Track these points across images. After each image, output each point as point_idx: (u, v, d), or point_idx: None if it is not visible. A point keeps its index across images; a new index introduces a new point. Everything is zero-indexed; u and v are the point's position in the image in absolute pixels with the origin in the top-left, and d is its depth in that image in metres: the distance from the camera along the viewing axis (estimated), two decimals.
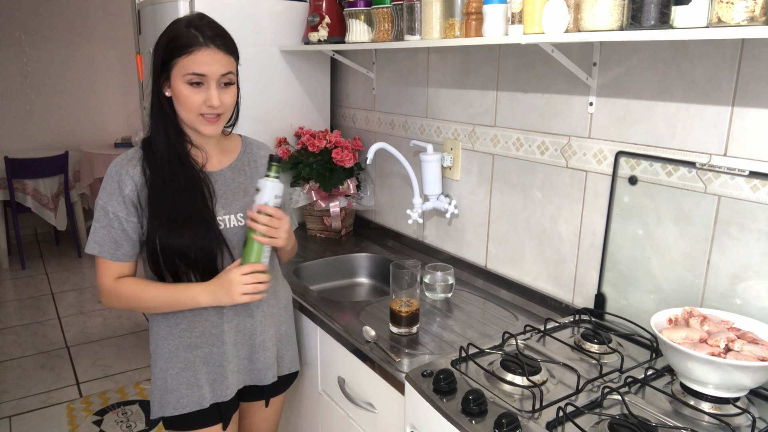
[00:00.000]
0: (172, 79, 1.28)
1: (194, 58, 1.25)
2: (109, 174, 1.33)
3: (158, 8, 2.21)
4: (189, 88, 1.27)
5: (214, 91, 1.28)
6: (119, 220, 1.31)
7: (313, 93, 2.43)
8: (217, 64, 1.27)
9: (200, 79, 1.26)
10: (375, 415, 1.43)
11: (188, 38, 1.25)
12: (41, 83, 5.14)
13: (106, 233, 1.31)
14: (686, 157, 1.29)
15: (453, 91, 1.90)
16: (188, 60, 1.25)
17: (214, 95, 1.27)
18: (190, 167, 1.35)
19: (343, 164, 2.22)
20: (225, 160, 1.43)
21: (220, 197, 1.38)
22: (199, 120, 1.30)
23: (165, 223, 1.29)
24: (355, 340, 1.45)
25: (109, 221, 1.31)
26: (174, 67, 1.26)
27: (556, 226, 1.61)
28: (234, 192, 1.41)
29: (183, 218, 1.30)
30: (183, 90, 1.27)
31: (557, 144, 1.57)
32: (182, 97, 1.27)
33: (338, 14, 2.09)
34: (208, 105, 1.28)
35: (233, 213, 1.39)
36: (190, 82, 1.26)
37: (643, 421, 1.02)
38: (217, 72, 1.27)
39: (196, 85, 1.27)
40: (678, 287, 1.33)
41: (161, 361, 1.41)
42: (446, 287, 1.71)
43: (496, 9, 1.36)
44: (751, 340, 1.09)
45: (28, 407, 2.76)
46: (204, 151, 1.39)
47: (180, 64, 1.25)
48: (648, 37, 1.07)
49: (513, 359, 1.23)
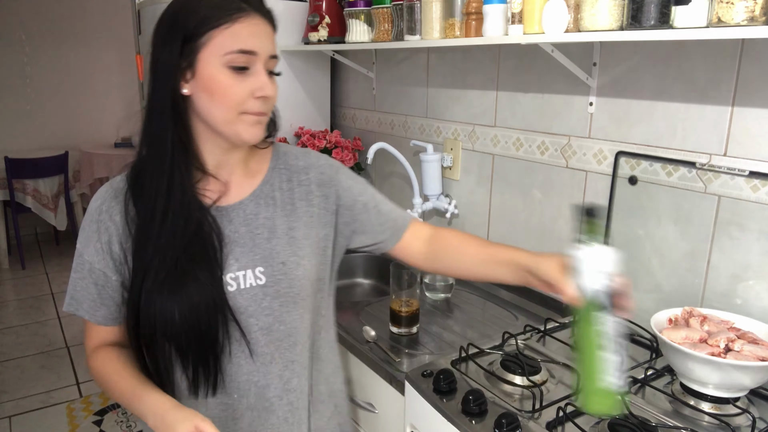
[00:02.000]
0: (200, 66, 0.87)
1: (238, 30, 0.86)
2: (90, 210, 0.96)
3: (158, 8, 2.21)
4: (232, 75, 0.87)
5: (266, 76, 0.90)
6: (97, 273, 0.95)
7: (313, 93, 2.43)
8: (267, 40, 0.90)
9: (247, 60, 0.88)
10: (375, 415, 1.43)
11: (226, 2, 0.87)
12: (41, 83, 5.14)
13: (84, 287, 0.97)
14: (686, 157, 1.29)
15: (453, 91, 1.90)
16: (229, 33, 0.86)
17: (267, 81, 0.90)
18: (198, 205, 0.93)
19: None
20: (247, 186, 1.00)
21: (235, 244, 0.96)
22: (241, 120, 0.90)
23: (148, 285, 0.90)
24: (355, 340, 1.45)
25: (88, 272, 0.96)
26: (204, 47, 0.86)
27: (556, 226, 1.61)
28: (255, 234, 0.98)
29: (173, 281, 0.90)
30: (222, 78, 0.87)
31: (557, 144, 1.57)
32: (222, 87, 0.87)
33: (338, 14, 2.09)
34: (258, 96, 0.89)
35: (251, 268, 0.96)
36: (232, 66, 0.87)
37: (643, 421, 1.02)
38: (268, 50, 0.90)
39: (240, 70, 0.88)
40: (678, 287, 1.33)
41: None
42: (446, 287, 1.71)
43: (496, 9, 1.36)
44: (751, 340, 1.09)
45: (28, 407, 2.76)
46: (221, 180, 0.98)
47: (216, 40, 0.86)
48: (648, 37, 1.07)
49: (513, 359, 1.23)
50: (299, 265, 1.00)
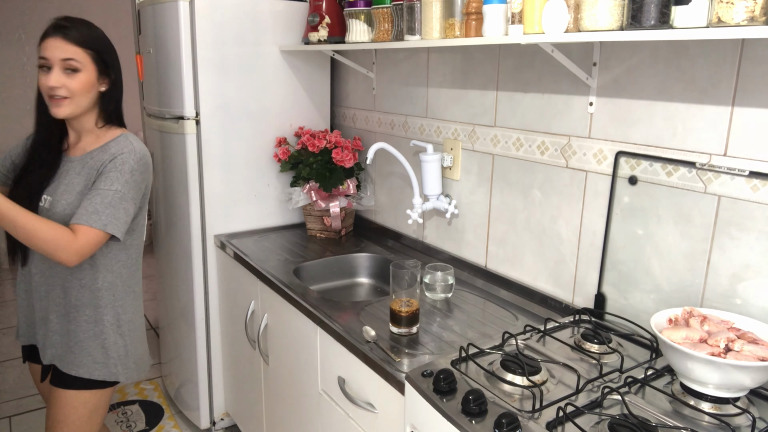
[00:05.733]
0: None
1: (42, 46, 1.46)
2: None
3: (158, 8, 2.21)
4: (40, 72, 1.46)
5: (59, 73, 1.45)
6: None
7: (313, 93, 2.43)
8: (57, 50, 1.44)
9: (44, 62, 1.45)
10: (375, 415, 1.43)
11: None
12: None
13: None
14: (686, 157, 1.29)
15: (453, 91, 1.90)
16: (40, 47, 1.46)
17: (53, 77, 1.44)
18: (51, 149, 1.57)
19: (343, 164, 2.22)
20: (86, 150, 1.55)
21: (56, 179, 1.53)
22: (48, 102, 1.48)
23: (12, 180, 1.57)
24: (355, 340, 1.45)
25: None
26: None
27: (556, 226, 1.61)
28: (63, 178, 1.53)
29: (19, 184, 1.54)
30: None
31: (557, 144, 1.57)
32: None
33: (338, 14, 2.09)
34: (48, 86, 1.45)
35: (51, 196, 1.50)
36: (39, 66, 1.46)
37: (643, 421, 1.02)
38: (57, 57, 1.44)
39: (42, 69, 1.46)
40: (678, 287, 1.33)
41: None
42: (446, 287, 1.71)
43: (496, 9, 1.36)
44: (751, 340, 1.09)
45: (28, 407, 2.76)
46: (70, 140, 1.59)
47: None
48: (648, 37, 1.07)
49: (513, 359, 1.23)
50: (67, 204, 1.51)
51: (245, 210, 2.35)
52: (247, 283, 2.08)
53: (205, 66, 2.15)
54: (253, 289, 2.04)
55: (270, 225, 2.42)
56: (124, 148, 1.50)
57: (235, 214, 2.32)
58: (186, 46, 2.12)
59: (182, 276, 2.36)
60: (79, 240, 1.39)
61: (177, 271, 2.41)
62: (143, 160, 1.52)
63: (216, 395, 2.44)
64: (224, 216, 2.30)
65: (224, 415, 2.49)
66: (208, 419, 2.46)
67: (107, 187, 1.44)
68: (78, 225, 1.40)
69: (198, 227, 2.26)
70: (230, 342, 2.31)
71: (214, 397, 2.44)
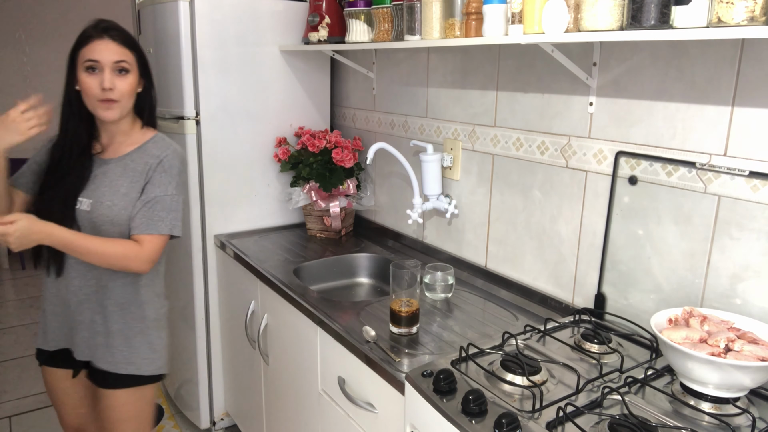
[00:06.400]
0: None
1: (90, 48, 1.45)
2: None
3: (158, 8, 2.21)
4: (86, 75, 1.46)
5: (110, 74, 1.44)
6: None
7: (313, 93, 2.43)
8: (109, 52, 1.44)
9: (92, 65, 1.44)
10: (375, 415, 1.43)
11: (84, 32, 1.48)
12: (41, 83, 5.14)
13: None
14: (686, 157, 1.29)
15: (453, 91, 1.90)
16: (85, 49, 1.45)
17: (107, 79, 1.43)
18: (81, 152, 1.54)
19: (343, 164, 2.22)
20: (122, 151, 1.55)
21: (92, 182, 1.51)
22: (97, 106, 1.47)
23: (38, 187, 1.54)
24: (355, 340, 1.45)
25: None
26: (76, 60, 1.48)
27: (556, 226, 1.61)
28: (101, 180, 1.52)
29: (50, 192, 1.51)
30: (82, 77, 1.47)
31: (557, 144, 1.57)
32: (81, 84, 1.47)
33: (338, 14, 2.09)
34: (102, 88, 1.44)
35: (90, 198, 1.49)
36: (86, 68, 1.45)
37: (643, 421, 1.02)
38: (109, 59, 1.44)
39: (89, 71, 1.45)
40: (678, 287, 1.33)
41: None
42: (446, 287, 1.71)
43: (496, 9, 1.36)
44: (751, 340, 1.09)
45: (28, 407, 2.76)
46: (102, 142, 1.57)
47: (80, 54, 1.47)
48: (648, 37, 1.07)
49: (513, 359, 1.23)
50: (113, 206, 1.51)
51: (245, 210, 2.35)
52: (247, 283, 2.08)
53: (205, 66, 2.15)
54: (253, 289, 2.04)
55: (270, 225, 2.42)
56: (166, 149, 1.54)
57: (235, 214, 2.33)
58: (186, 46, 2.12)
59: (182, 276, 2.36)
60: (146, 248, 1.46)
61: (177, 271, 2.41)
62: (183, 158, 1.59)
63: (216, 395, 2.44)
64: (224, 216, 2.30)
65: (224, 415, 2.49)
66: (208, 419, 2.46)
67: (163, 193, 1.49)
68: (143, 235, 1.47)
69: (198, 227, 2.26)
70: (230, 342, 2.31)
71: (214, 397, 2.44)
